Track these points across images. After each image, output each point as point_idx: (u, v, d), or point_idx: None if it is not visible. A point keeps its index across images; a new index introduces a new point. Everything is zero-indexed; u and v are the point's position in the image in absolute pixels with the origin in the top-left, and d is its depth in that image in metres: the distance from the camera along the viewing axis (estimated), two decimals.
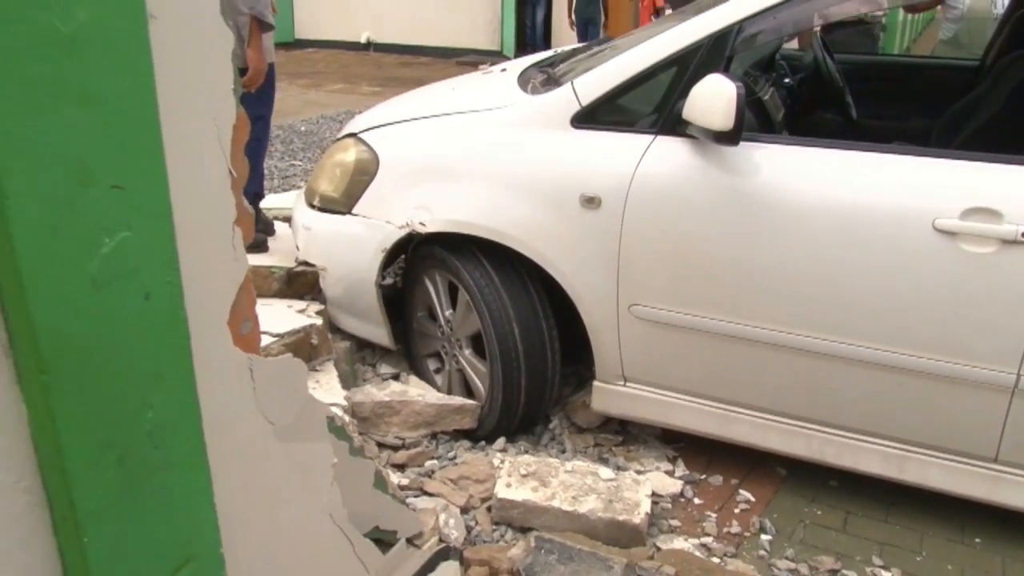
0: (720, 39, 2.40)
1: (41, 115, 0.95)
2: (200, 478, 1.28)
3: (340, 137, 3.04)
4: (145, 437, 1.17)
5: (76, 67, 0.98)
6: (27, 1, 0.92)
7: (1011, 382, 2.20)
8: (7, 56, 0.91)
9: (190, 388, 1.22)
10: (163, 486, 1.21)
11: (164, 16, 1.09)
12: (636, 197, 2.45)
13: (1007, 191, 2.16)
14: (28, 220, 0.96)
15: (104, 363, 1.09)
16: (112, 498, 1.14)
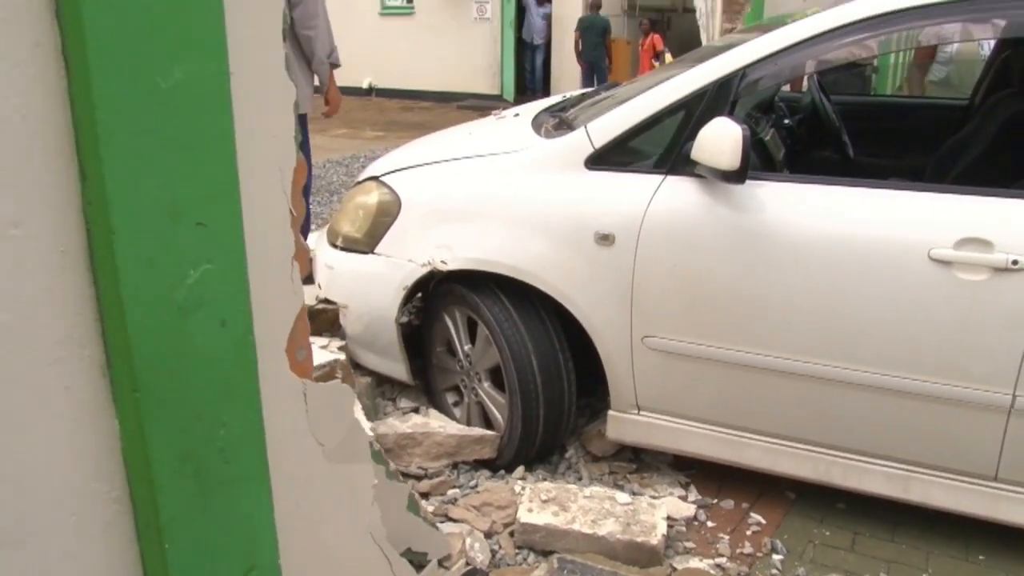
0: (725, 84, 2.55)
1: (143, 160, 1.08)
2: (263, 492, 1.39)
3: (361, 180, 3.18)
4: (217, 452, 1.28)
5: (172, 118, 1.11)
6: (138, 61, 1.05)
7: (1007, 402, 2.32)
8: (120, 109, 1.04)
9: (257, 409, 1.34)
10: (231, 498, 1.32)
11: (241, 73, 1.22)
12: (648, 234, 2.58)
13: (997, 222, 2.29)
14: (130, 253, 1.08)
15: (186, 383, 1.20)
16: (189, 508, 1.25)
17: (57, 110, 1.02)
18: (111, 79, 1.03)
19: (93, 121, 1.02)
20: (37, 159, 1.01)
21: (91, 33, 1.00)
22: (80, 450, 1.14)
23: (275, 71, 1.32)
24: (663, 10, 16.19)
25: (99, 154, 1.03)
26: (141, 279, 1.11)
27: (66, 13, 1.00)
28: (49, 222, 1.04)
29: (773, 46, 2.51)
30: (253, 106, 1.27)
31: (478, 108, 12.87)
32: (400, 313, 2.94)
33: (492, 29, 14.56)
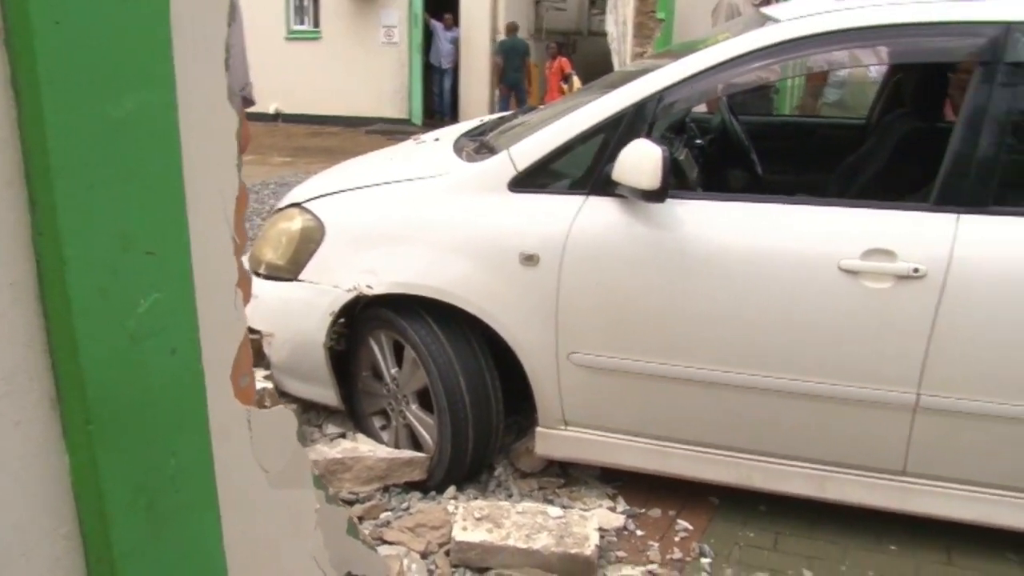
0: (643, 107, 2.64)
1: (94, 190, 1.08)
2: (213, 520, 1.39)
3: (282, 207, 3.17)
4: (169, 482, 1.27)
5: (122, 148, 1.11)
6: (89, 91, 1.05)
7: (912, 401, 2.47)
8: (71, 138, 1.04)
9: (206, 436, 1.34)
10: (183, 527, 1.31)
11: (186, 102, 1.23)
12: (572, 253, 2.64)
13: (899, 233, 2.44)
14: (82, 284, 1.08)
15: (138, 413, 1.20)
16: (142, 539, 1.24)
17: (6, 140, 1.02)
18: (62, 109, 1.03)
19: (45, 151, 1.02)
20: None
21: (42, 63, 1.00)
22: (30, 486, 1.12)
23: (218, 100, 1.33)
24: (569, 33, 16.51)
25: (51, 184, 1.03)
26: (93, 309, 1.11)
27: (15, 43, 1.00)
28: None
29: (688, 70, 2.62)
30: (198, 135, 1.27)
31: (387, 133, 12.88)
32: (328, 339, 2.93)
33: (399, 53, 14.58)
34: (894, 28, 2.56)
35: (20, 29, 0.99)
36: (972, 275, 2.38)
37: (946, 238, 2.41)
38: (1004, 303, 2.37)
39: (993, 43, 2.44)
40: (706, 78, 2.65)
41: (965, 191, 2.44)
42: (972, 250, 2.39)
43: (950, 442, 2.53)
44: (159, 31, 1.16)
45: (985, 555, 2.68)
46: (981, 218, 2.43)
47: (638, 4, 5.68)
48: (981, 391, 2.44)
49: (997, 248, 2.40)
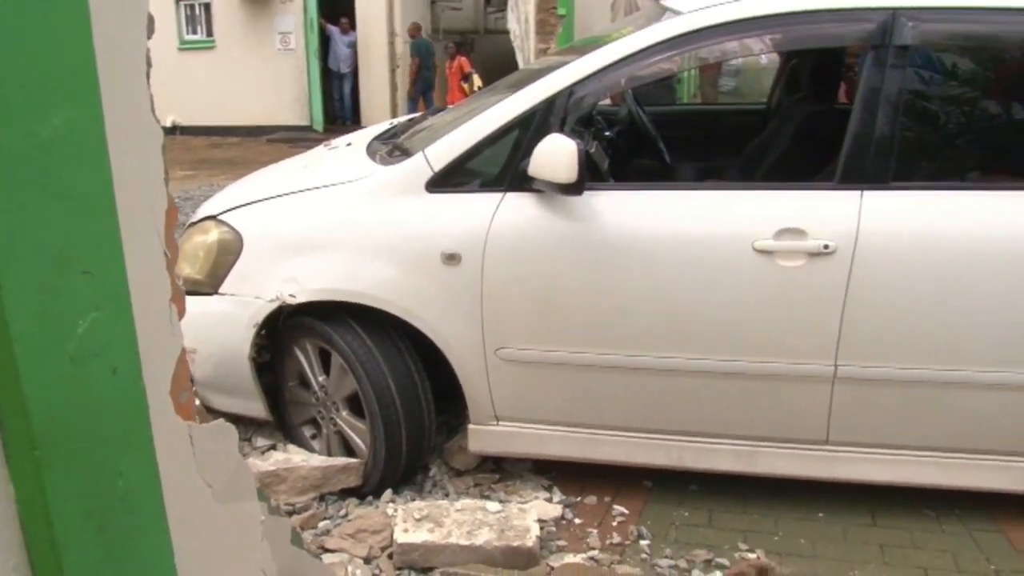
0: (554, 102, 2.69)
1: (27, 211, 1.06)
2: (163, 540, 1.37)
3: (196, 221, 3.11)
4: (119, 503, 1.25)
5: (53, 167, 1.09)
6: (14, 112, 1.03)
7: (830, 373, 2.59)
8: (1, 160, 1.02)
9: (151, 455, 1.32)
10: (134, 548, 1.30)
11: (112, 118, 1.21)
12: (493, 250, 2.68)
13: (808, 212, 2.55)
14: (20, 307, 1.06)
15: (84, 436, 1.18)
16: (94, 564, 1.22)
17: None
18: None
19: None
20: None
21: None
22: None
23: (144, 114, 1.32)
24: (466, 32, 16.54)
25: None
26: (32, 333, 1.09)
27: None
28: None
29: (597, 65, 2.68)
30: (125, 150, 1.26)
31: (289, 140, 12.70)
32: (253, 350, 2.90)
33: (297, 59, 14.38)
34: (791, 16, 2.67)
35: None
36: (878, 248, 2.51)
37: (852, 214, 2.53)
38: (909, 272, 2.50)
39: (882, 27, 2.57)
40: (614, 71, 2.72)
41: (866, 169, 2.57)
42: (877, 224, 2.52)
43: (868, 409, 2.66)
44: (82, 47, 1.14)
45: (905, 513, 2.83)
46: (883, 193, 2.56)
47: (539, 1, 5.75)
48: (894, 358, 2.57)
49: (900, 221, 2.53)
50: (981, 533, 2.74)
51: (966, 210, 2.53)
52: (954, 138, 2.81)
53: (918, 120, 2.69)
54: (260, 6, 14.35)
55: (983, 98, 2.75)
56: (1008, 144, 2.77)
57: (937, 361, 2.55)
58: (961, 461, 2.69)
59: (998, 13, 2.58)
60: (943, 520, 2.81)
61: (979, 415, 2.62)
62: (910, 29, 2.54)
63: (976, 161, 2.78)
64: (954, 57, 2.69)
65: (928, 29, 2.57)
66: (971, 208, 2.53)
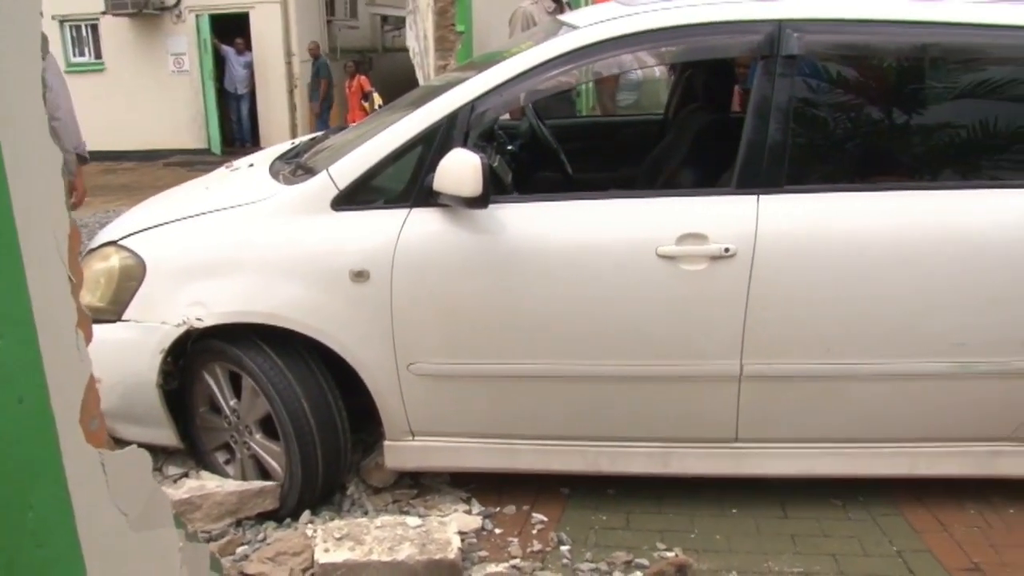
0: (456, 117, 2.72)
1: None
2: (77, 572, 1.34)
3: (95, 247, 3.03)
4: (29, 537, 1.23)
5: None
6: None
7: (736, 371, 2.68)
8: None
9: (63, 485, 1.30)
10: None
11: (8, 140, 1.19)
12: (401, 266, 2.69)
13: (708, 217, 2.65)
14: None
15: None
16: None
17: None
18: None
19: None
20: None
21: None
22: None
23: (40, 136, 1.30)
24: (364, 51, 16.47)
25: None
26: None
27: None
28: None
29: (497, 79, 2.72)
30: (23, 174, 1.24)
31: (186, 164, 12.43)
32: (160, 377, 2.84)
33: (192, 81, 14.10)
34: (682, 29, 2.77)
35: None
36: (776, 249, 2.61)
37: (749, 218, 2.63)
38: (806, 271, 2.62)
39: (769, 39, 2.69)
40: (514, 85, 2.77)
41: (761, 174, 2.68)
42: (773, 226, 2.62)
43: (773, 405, 2.76)
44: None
45: (814, 504, 2.95)
46: (778, 197, 2.67)
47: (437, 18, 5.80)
48: (795, 354, 2.68)
49: (794, 222, 2.65)
50: (884, 517, 2.88)
51: (856, 210, 2.66)
52: (842, 142, 2.94)
53: (808, 126, 2.82)
54: (151, 27, 14.03)
55: (867, 104, 2.89)
56: (891, 147, 2.93)
57: (834, 355, 2.67)
58: (861, 450, 2.82)
59: (876, 24, 2.73)
60: (849, 507, 2.93)
61: (874, 405, 2.75)
62: (795, 40, 2.66)
63: (863, 163, 2.92)
64: (838, 66, 2.82)
65: (812, 40, 2.70)
66: (860, 208, 2.66)
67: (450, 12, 5.84)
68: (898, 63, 2.89)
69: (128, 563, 1.55)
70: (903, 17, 2.73)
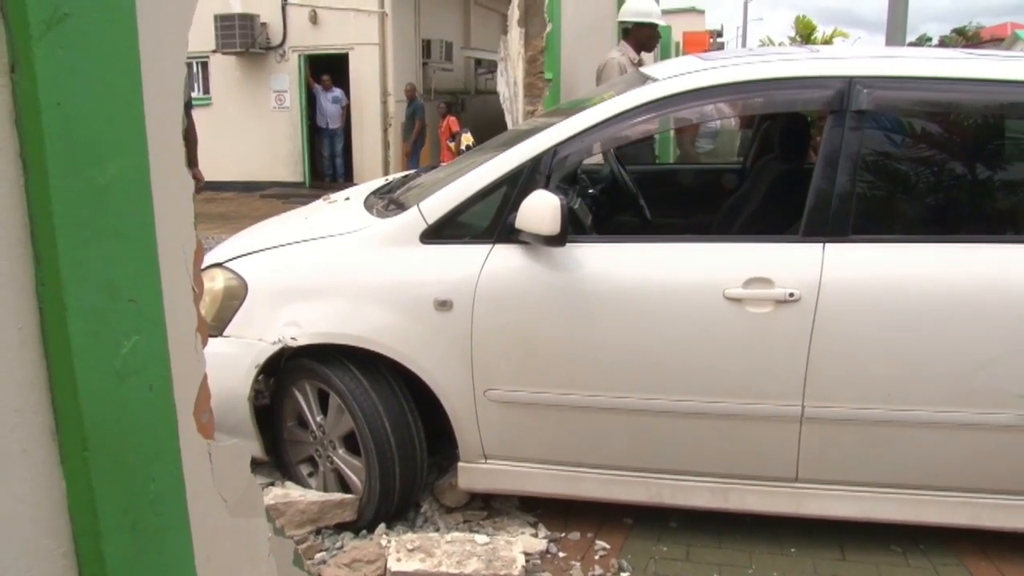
0: (540, 160, 2.91)
1: (87, 245, 1.25)
2: (186, 543, 1.53)
3: (203, 268, 3.29)
4: (149, 506, 1.42)
5: (107, 208, 1.28)
6: (79, 161, 1.23)
7: (798, 413, 2.76)
8: (68, 201, 1.21)
9: (179, 465, 1.49)
10: (161, 548, 1.46)
11: (156, 168, 1.41)
12: (482, 297, 2.87)
13: (775, 263, 2.76)
14: (79, 328, 1.24)
15: (124, 442, 1.35)
16: (129, 558, 1.38)
17: (15, 205, 1.18)
18: (61, 176, 1.20)
19: (49, 212, 1.19)
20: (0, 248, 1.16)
21: (48, 138, 1.17)
22: (35, 509, 1.26)
23: (179, 167, 1.51)
24: (457, 93, 16.94)
25: (53, 241, 1.20)
26: (88, 350, 1.26)
27: (25, 120, 1.17)
28: (9, 303, 1.18)
29: (580, 126, 2.91)
30: (163, 196, 1.45)
31: (282, 196, 12.95)
32: (252, 392, 3.06)
33: (292, 117, 14.71)
34: (755, 83, 2.92)
35: (29, 110, 1.16)
36: (839, 295, 2.71)
37: (815, 264, 2.74)
38: (868, 317, 2.70)
39: (840, 94, 2.81)
40: (596, 132, 2.95)
41: (828, 222, 2.78)
42: (837, 273, 2.72)
43: (834, 447, 2.83)
44: (135, 106, 1.34)
45: (874, 549, 2.99)
46: (843, 245, 2.77)
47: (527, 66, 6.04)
48: (856, 399, 2.75)
49: (858, 270, 2.74)
50: (945, 567, 2.90)
51: (919, 260, 2.75)
52: (907, 194, 3.03)
53: (874, 178, 2.92)
54: (257, 65, 14.72)
55: (933, 158, 2.98)
56: (954, 200, 3.01)
57: (895, 401, 2.73)
58: (922, 497, 2.86)
59: (941, 82, 2.83)
60: (909, 555, 2.96)
61: (935, 453, 2.79)
62: (865, 95, 2.78)
63: (927, 215, 3.00)
64: (905, 121, 2.93)
65: (881, 95, 2.82)
66: (923, 258, 2.75)
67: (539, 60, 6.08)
68: (961, 119, 2.98)
69: (225, 543, 1.74)
70: (965, 76, 2.84)
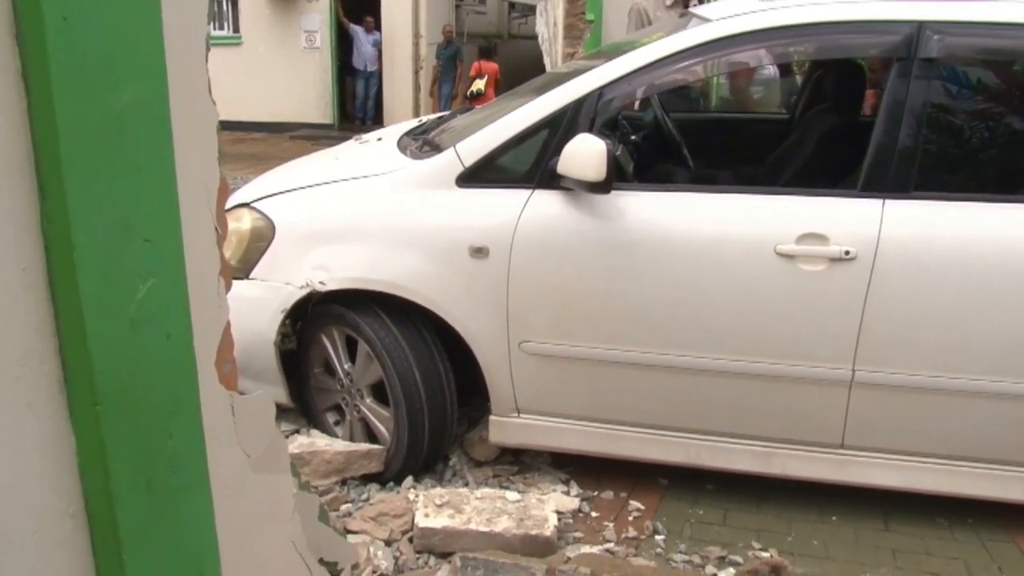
0: (585, 103, 2.75)
1: (98, 179, 1.12)
2: (205, 502, 1.43)
3: (230, 207, 3.18)
4: (166, 463, 1.31)
5: (122, 138, 1.16)
6: (92, 85, 1.10)
7: (848, 377, 2.63)
8: (78, 129, 1.08)
9: (198, 419, 1.38)
10: (178, 508, 1.36)
11: (175, 95, 1.27)
12: (520, 245, 2.73)
13: (831, 219, 2.60)
14: (88, 269, 1.12)
15: (138, 395, 1.24)
16: (143, 519, 1.28)
17: (17, 131, 1.05)
18: (69, 100, 1.07)
19: (55, 141, 1.06)
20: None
21: (53, 56, 1.04)
22: (42, 466, 1.16)
23: (202, 94, 1.38)
24: (489, 37, 16.61)
25: (60, 173, 1.07)
26: (98, 294, 1.15)
27: (27, 37, 1.04)
28: (11, 241, 1.06)
29: (627, 67, 2.74)
30: (185, 128, 1.32)
31: (311, 138, 12.79)
32: (279, 336, 2.96)
33: (322, 58, 14.48)
34: (817, 26, 2.72)
35: (32, 24, 1.03)
36: (898, 255, 2.55)
37: (873, 221, 2.57)
38: (929, 279, 2.54)
39: (908, 40, 2.61)
40: (643, 75, 2.78)
41: (889, 177, 2.61)
42: (897, 231, 2.56)
43: (883, 414, 2.69)
44: (152, 25, 1.21)
45: (919, 520, 2.87)
46: (905, 202, 2.60)
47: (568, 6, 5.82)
48: (910, 365, 2.61)
49: (920, 229, 2.57)
50: (993, 543, 2.77)
51: (985, 222, 2.57)
52: (977, 151, 2.84)
53: (941, 131, 2.74)
54: (287, 4, 14.45)
55: (1007, 112, 2.78)
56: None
57: (951, 369, 2.59)
58: (972, 470, 2.73)
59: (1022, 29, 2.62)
60: (955, 528, 2.84)
61: (989, 424, 2.65)
62: (936, 42, 2.58)
63: (998, 173, 2.81)
64: (979, 71, 2.73)
65: (954, 43, 2.61)
66: (990, 220, 2.57)
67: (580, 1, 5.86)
68: None
69: (247, 500, 1.64)
70: None
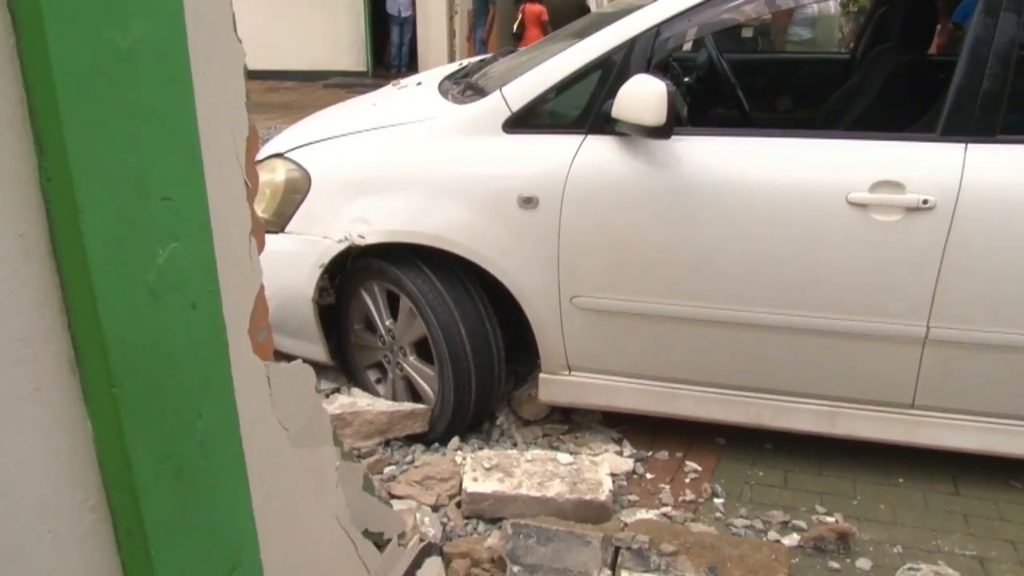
0: (640, 42, 2.54)
1: (105, 129, 0.97)
2: (241, 485, 1.30)
3: (263, 158, 3.03)
4: (197, 447, 1.18)
5: (132, 81, 1.00)
6: (92, 19, 0.94)
7: (922, 334, 2.44)
8: (78, 70, 0.93)
9: (231, 396, 1.25)
10: (212, 494, 1.23)
11: (194, 33, 1.11)
12: (572, 194, 2.56)
13: (907, 165, 2.38)
14: (97, 233, 0.98)
15: (161, 374, 1.10)
16: (172, 509, 1.15)
17: (5, 73, 0.90)
18: (67, 36, 0.91)
19: (51, 84, 0.90)
20: None
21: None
22: (53, 458, 1.02)
23: (226, 31, 1.22)
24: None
25: (59, 122, 0.92)
26: (110, 262, 1.00)
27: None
28: (4, 202, 0.91)
29: (684, 4, 2.52)
30: (207, 69, 1.16)
31: (345, 86, 12.56)
32: (317, 292, 2.83)
33: (355, 5, 14.18)
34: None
35: None
36: (982, 205, 2.33)
37: (954, 168, 2.36)
38: (1012, 231, 2.33)
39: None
40: (703, 11, 2.57)
41: (972, 121, 2.39)
42: (981, 179, 2.34)
43: (958, 374, 2.51)
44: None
45: (990, 483, 2.69)
46: (989, 147, 2.38)
47: None
48: (990, 321, 2.41)
49: (1006, 176, 2.35)
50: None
51: None
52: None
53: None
54: None
55: None
56: None
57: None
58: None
59: None
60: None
61: None
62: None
63: None
64: None
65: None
66: None
67: None
68: None
69: (286, 478, 1.52)
70: None
